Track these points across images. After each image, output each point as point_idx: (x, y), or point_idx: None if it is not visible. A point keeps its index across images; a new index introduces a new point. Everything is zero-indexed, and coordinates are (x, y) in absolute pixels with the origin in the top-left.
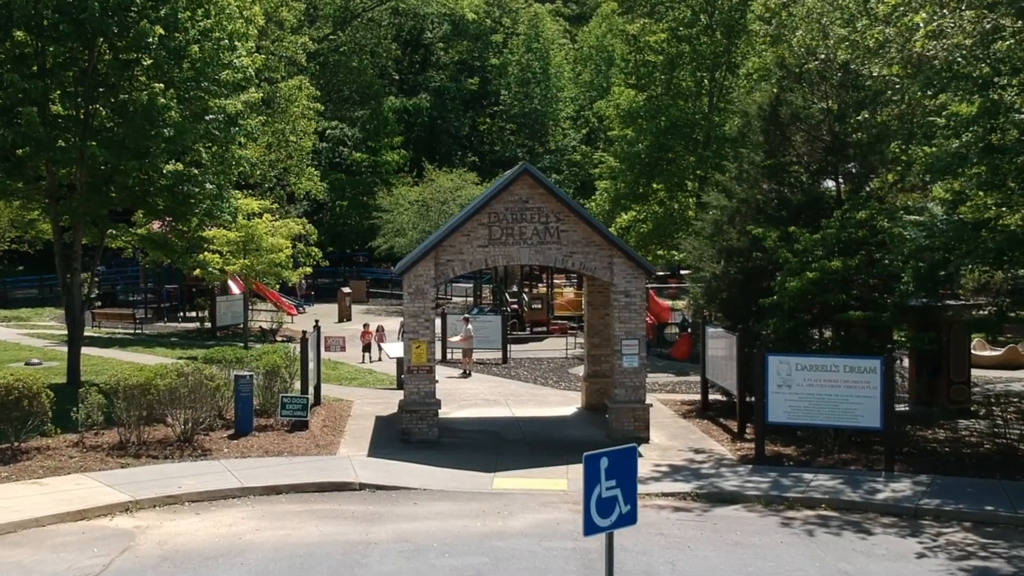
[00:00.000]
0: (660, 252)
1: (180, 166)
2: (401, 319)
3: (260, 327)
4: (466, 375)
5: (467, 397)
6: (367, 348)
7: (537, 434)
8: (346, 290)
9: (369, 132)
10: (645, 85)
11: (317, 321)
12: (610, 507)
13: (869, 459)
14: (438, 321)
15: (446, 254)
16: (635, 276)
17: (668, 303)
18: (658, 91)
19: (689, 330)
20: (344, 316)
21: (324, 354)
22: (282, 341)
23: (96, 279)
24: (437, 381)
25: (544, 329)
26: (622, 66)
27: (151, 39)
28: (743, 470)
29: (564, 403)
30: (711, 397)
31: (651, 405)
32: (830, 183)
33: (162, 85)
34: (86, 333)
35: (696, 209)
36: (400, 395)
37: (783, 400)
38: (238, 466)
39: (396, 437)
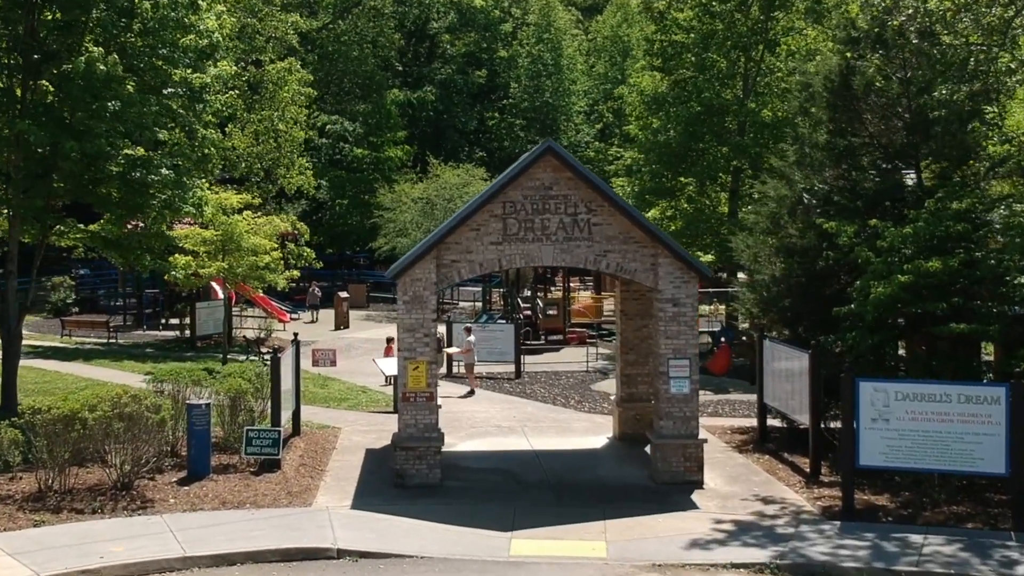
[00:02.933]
0: None
1: (141, 150)
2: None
3: (244, 337)
4: (470, 393)
5: (476, 423)
6: None
7: (563, 474)
8: (343, 295)
9: (371, 127)
10: (673, 67)
11: (296, 334)
12: None
13: (988, 513)
14: (442, 329)
15: (450, 253)
16: (685, 280)
17: None
18: (687, 73)
19: (724, 340)
20: (341, 323)
21: (313, 369)
22: (268, 353)
23: (74, 283)
24: (440, 406)
25: (560, 338)
26: (646, 47)
27: None
28: (830, 528)
29: (591, 431)
30: (768, 423)
31: (705, 440)
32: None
33: (102, 50)
34: (54, 344)
35: (729, 204)
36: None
37: (878, 438)
38: (184, 524)
39: (389, 480)
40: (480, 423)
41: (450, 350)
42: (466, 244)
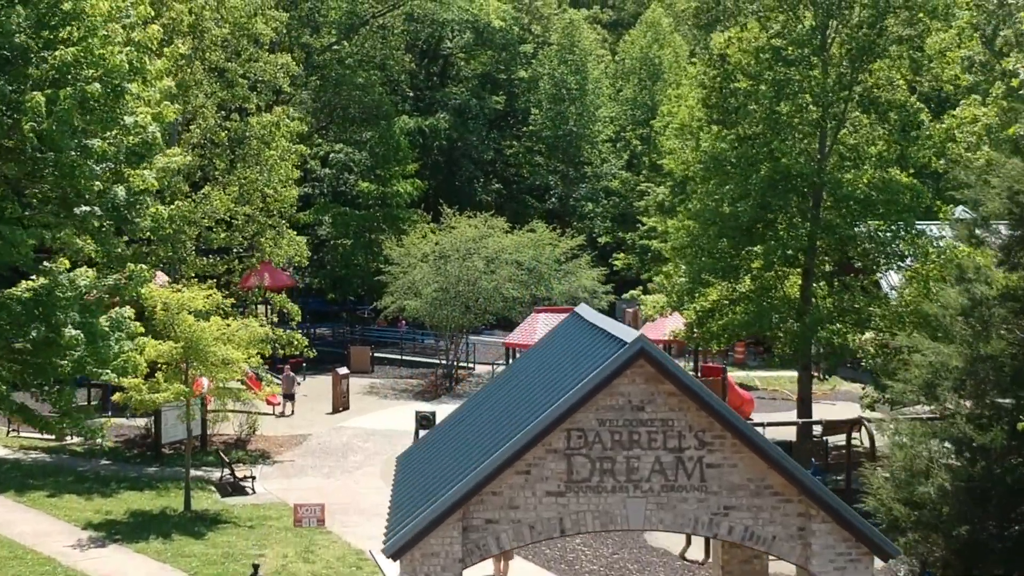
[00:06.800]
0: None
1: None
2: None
3: (219, 450)
4: None
5: None
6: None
7: None
8: (342, 371)
9: (378, 158)
10: (735, 120)
11: (256, 567)
12: None
13: None
14: None
15: (484, 509)
16: (853, 559)
17: (751, 395)
18: (756, 129)
19: (816, 471)
20: (340, 405)
21: (296, 527)
22: (246, 478)
23: None
24: None
25: None
26: (703, 96)
27: None
28: None
29: None
30: None
31: None
32: None
33: None
34: None
35: (803, 286)
36: None
37: None
38: None
39: None
40: None
41: None
42: (509, 495)
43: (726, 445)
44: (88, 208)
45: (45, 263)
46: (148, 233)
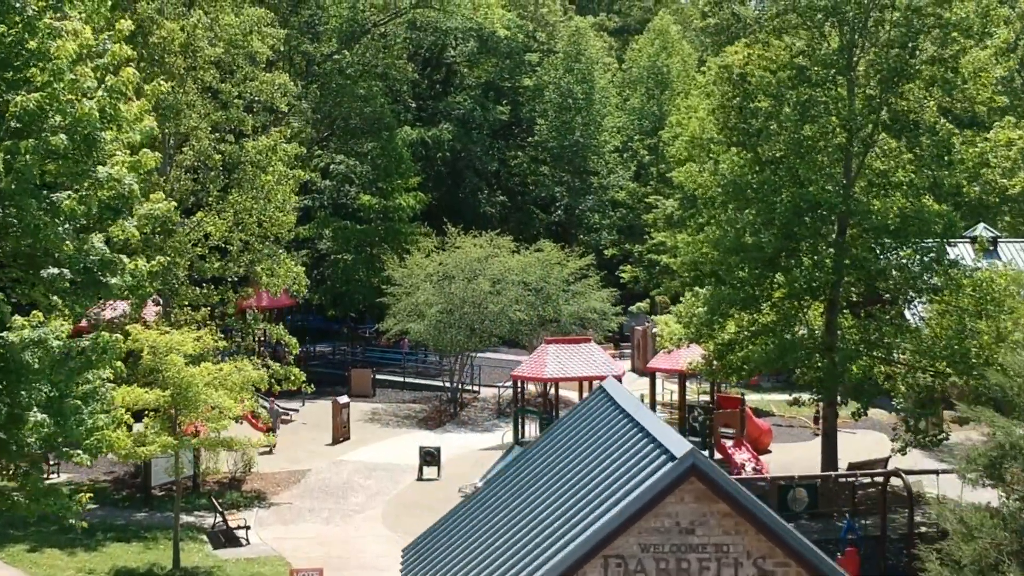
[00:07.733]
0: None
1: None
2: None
3: (211, 494)
4: None
5: None
6: None
7: None
8: (342, 400)
9: (380, 170)
10: (756, 143)
11: None
12: None
13: None
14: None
15: None
16: None
17: (768, 423)
18: (778, 151)
19: (851, 538)
20: (340, 436)
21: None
22: (241, 528)
23: None
24: None
25: None
26: (721, 118)
27: None
28: None
29: None
30: None
31: None
32: None
33: None
34: None
35: (827, 319)
36: None
37: None
38: None
39: None
40: None
41: None
42: None
43: (790, 574)
44: (57, 271)
45: (17, 316)
46: (126, 293)
